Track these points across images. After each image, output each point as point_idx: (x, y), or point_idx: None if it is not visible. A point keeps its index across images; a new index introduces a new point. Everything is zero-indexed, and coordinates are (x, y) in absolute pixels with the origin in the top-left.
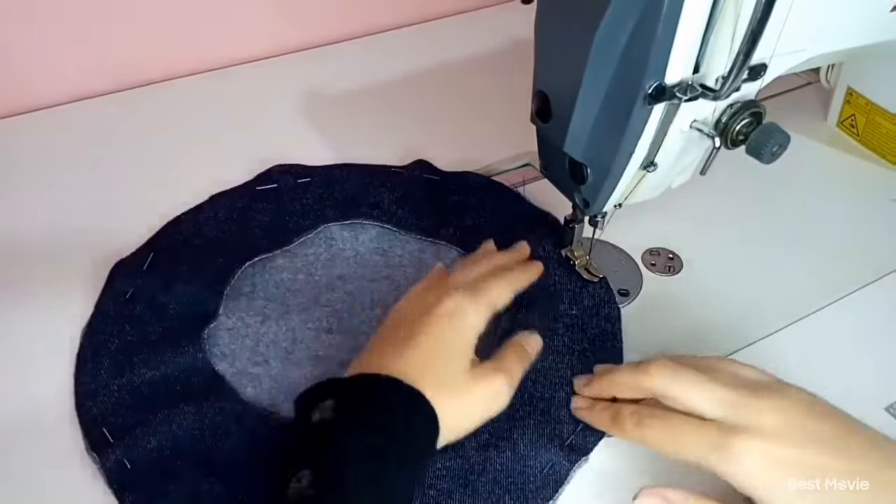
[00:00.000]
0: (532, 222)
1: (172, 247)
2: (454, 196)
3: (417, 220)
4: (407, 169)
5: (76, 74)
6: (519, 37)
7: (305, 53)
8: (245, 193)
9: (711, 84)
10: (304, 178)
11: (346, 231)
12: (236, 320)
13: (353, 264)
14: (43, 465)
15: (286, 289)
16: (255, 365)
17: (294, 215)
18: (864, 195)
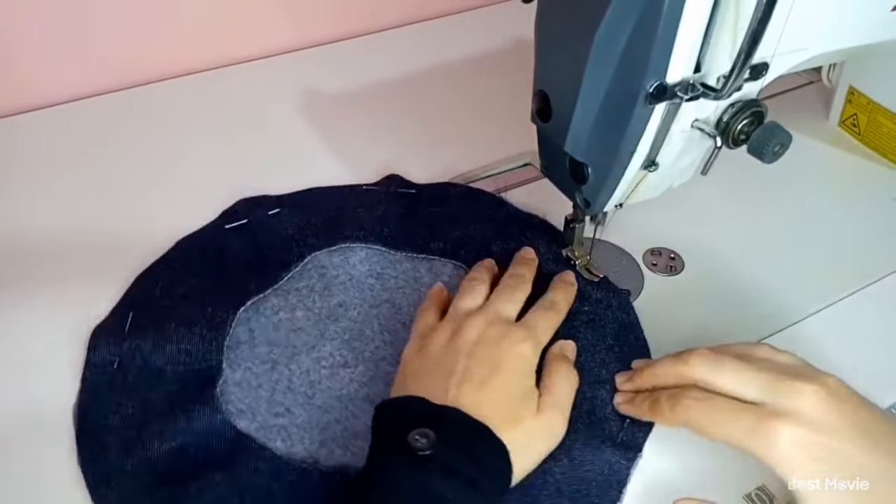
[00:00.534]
0: (521, 225)
1: (151, 301)
2: (434, 208)
3: (405, 237)
4: (381, 185)
5: (76, 74)
6: (519, 36)
7: (305, 53)
8: (215, 234)
9: (713, 83)
10: (273, 209)
11: (336, 257)
12: (244, 372)
13: (351, 290)
14: (44, 466)
15: (288, 329)
16: (277, 416)
17: (274, 249)
18: (866, 195)
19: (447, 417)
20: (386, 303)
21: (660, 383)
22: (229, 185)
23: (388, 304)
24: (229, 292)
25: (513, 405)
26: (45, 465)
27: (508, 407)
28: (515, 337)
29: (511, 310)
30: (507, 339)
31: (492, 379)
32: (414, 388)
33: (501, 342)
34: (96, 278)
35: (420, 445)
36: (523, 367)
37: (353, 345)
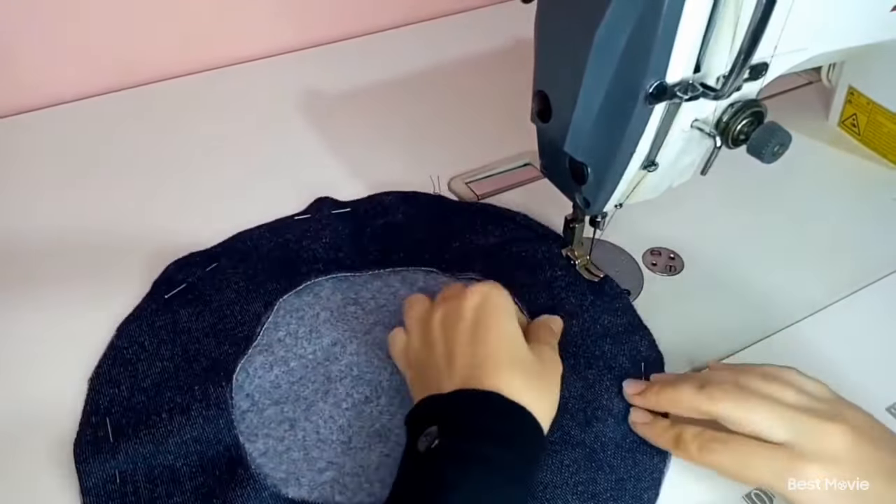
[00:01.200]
0: (468, 216)
1: (122, 401)
2: (378, 220)
3: (362, 257)
4: (312, 211)
5: (76, 74)
6: (519, 36)
7: (305, 53)
8: (160, 309)
9: (712, 83)
10: (210, 264)
11: (305, 296)
12: (265, 440)
13: (337, 324)
14: (45, 469)
15: (289, 382)
16: (322, 472)
17: (235, 306)
18: (866, 195)
19: (451, 403)
20: (377, 325)
21: (678, 412)
22: (229, 186)
23: (380, 325)
24: (210, 364)
25: (510, 353)
26: (47, 467)
27: (506, 357)
28: (468, 294)
29: (458, 288)
30: (463, 300)
31: (472, 341)
32: (422, 390)
33: (459, 307)
34: (96, 278)
35: (425, 445)
36: (495, 311)
37: (366, 378)
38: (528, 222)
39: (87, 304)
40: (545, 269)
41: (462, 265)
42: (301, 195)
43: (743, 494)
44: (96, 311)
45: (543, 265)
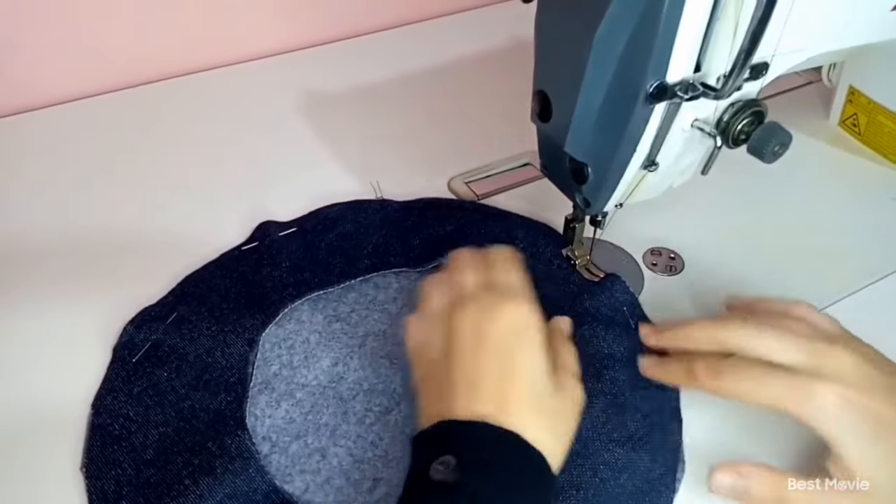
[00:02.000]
0: (418, 212)
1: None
2: (330, 233)
3: (327, 273)
4: (258, 239)
5: (76, 74)
6: (519, 36)
7: (305, 53)
8: (117, 382)
9: (713, 83)
10: (170, 315)
11: (286, 324)
12: (301, 479)
13: (329, 345)
14: (49, 467)
15: (303, 414)
16: (372, 491)
17: (213, 355)
18: (866, 194)
19: (471, 435)
20: (367, 336)
21: (692, 346)
22: (228, 186)
23: (371, 335)
24: (214, 417)
25: (536, 393)
26: (50, 465)
27: (533, 398)
28: (499, 309)
29: (472, 279)
30: (494, 314)
31: (502, 373)
32: (434, 415)
33: (490, 321)
34: (96, 278)
35: (443, 476)
36: (527, 339)
37: (378, 389)
38: (475, 206)
39: (87, 303)
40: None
41: (430, 257)
42: (301, 195)
43: None
44: (96, 311)
45: (500, 242)
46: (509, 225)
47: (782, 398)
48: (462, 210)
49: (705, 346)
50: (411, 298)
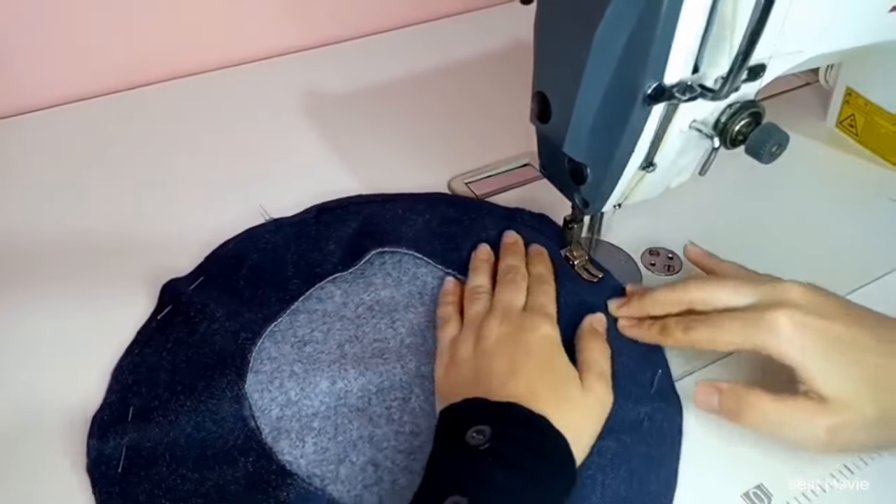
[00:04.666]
0: (334, 212)
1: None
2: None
3: (265, 309)
4: (204, 272)
5: (76, 74)
6: (519, 37)
7: (306, 54)
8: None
9: (711, 84)
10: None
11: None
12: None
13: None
14: (47, 468)
15: (334, 442)
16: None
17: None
18: (864, 195)
19: (505, 412)
20: (343, 348)
21: (658, 310)
22: (230, 186)
23: (349, 342)
24: None
25: (559, 387)
26: (49, 466)
27: (555, 390)
28: (531, 323)
29: (518, 300)
30: (525, 327)
31: (528, 367)
32: (462, 396)
33: (521, 332)
34: (96, 279)
35: (477, 441)
36: (551, 347)
37: (398, 386)
38: (368, 198)
39: (87, 303)
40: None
41: (353, 256)
42: (302, 195)
43: (742, 493)
44: (95, 311)
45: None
46: (400, 206)
47: (743, 335)
48: (355, 205)
49: (671, 308)
50: (360, 296)
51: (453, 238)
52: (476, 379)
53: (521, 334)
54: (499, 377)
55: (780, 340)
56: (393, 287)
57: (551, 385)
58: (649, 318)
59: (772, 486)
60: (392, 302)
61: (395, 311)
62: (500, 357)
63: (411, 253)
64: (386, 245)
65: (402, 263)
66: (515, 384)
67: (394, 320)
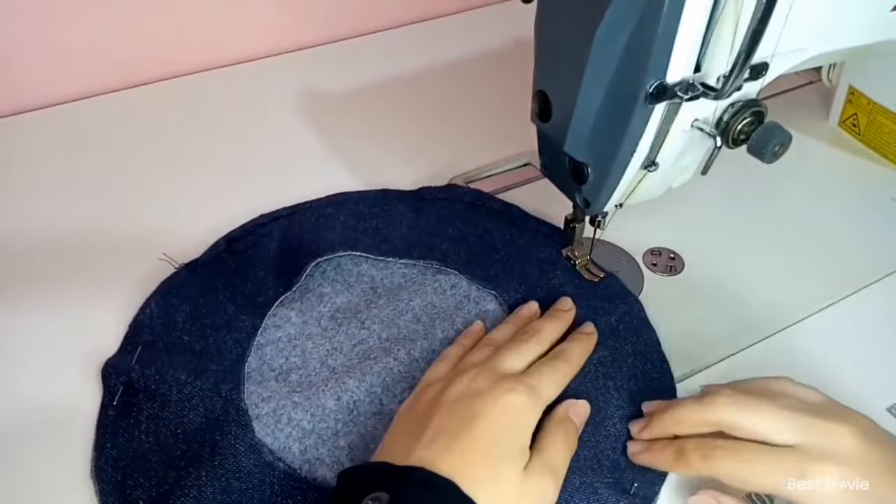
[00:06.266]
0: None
1: None
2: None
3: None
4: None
5: (76, 75)
6: (519, 36)
7: (304, 53)
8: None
9: (713, 83)
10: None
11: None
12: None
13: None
14: (48, 466)
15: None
16: None
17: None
18: (866, 195)
19: (408, 477)
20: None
21: (681, 430)
22: (229, 186)
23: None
24: None
25: (493, 461)
26: (48, 466)
27: (486, 463)
28: (502, 388)
29: (515, 363)
30: (493, 390)
31: (467, 432)
32: (387, 448)
33: (485, 393)
34: (95, 279)
35: None
36: (510, 421)
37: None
38: (274, 214)
39: (87, 303)
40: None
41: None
42: (302, 195)
43: (743, 494)
44: (95, 311)
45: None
46: (311, 214)
47: (779, 483)
48: (262, 226)
49: (695, 430)
50: (317, 310)
51: (378, 231)
52: (415, 429)
53: (487, 394)
54: (433, 435)
55: (822, 501)
56: (345, 291)
57: (483, 459)
58: (664, 440)
59: None
60: (351, 305)
61: (359, 313)
62: (449, 413)
63: (348, 254)
64: (322, 255)
65: (343, 266)
66: (443, 447)
67: (362, 321)
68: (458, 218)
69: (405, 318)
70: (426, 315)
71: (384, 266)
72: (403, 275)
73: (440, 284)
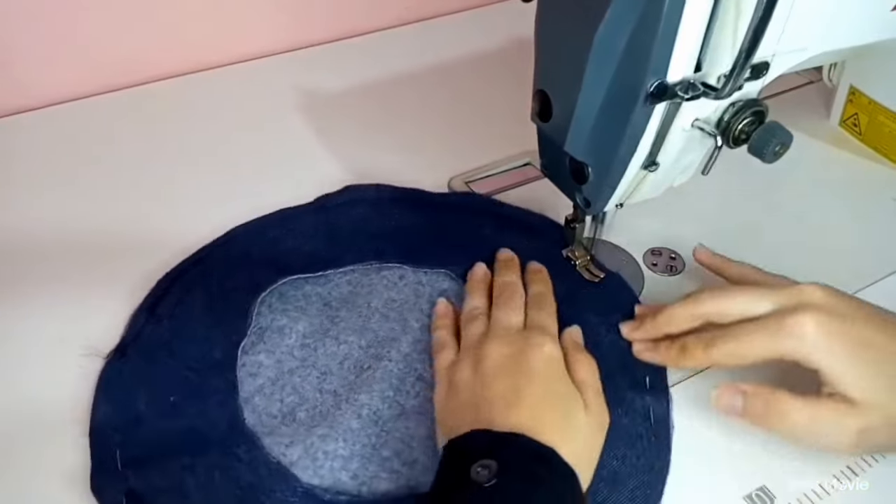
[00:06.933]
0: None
1: None
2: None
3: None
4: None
5: (76, 74)
6: (519, 36)
7: (303, 52)
8: None
9: (713, 83)
10: None
11: None
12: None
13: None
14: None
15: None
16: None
17: None
18: (867, 194)
19: (510, 444)
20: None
21: (674, 328)
22: (229, 184)
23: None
24: None
25: (564, 412)
26: (48, 466)
27: (561, 416)
28: (532, 343)
29: (516, 319)
30: (528, 348)
31: (532, 392)
32: (464, 426)
33: (522, 353)
34: (95, 279)
35: (482, 477)
36: (554, 368)
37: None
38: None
39: (86, 303)
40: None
41: None
42: (300, 195)
43: (744, 495)
44: (95, 311)
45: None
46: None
47: (768, 344)
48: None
49: (687, 324)
50: (284, 344)
51: (301, 249)
52: (476, 406)
53: (521, 356)
54: (501, 403)
55: (806, 344)
56: (302, 316)
57: (556, 411)
58: (666, 339)
59: (774, 487)
60: (314, 327)
61: (327, 332)
62: (501, 381)
63: (285, 280)
64: (260, 290)
65: (286, 294)
66: (518, 411)
67: (335, 337)
68: (373, 216)
69: (375, 321)
70: (392, 311)
71: (326, 281)
72: (349, 282)
73: (388, 280)
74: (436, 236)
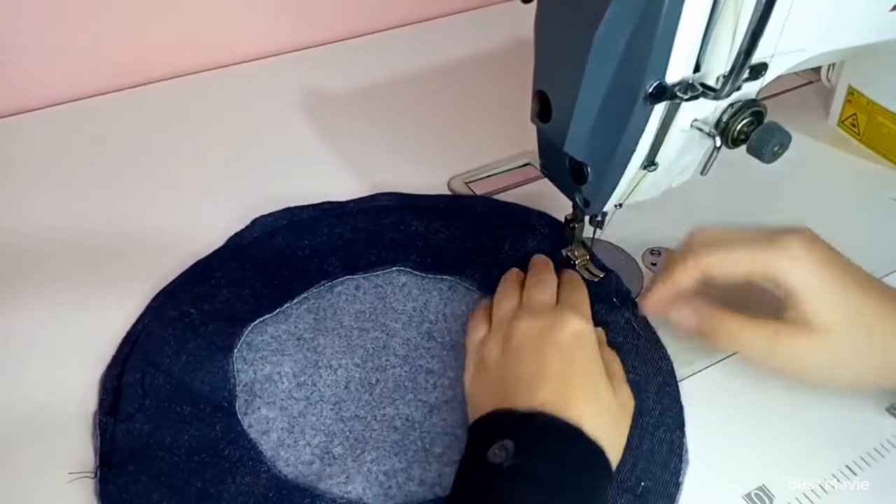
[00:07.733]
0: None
1: None
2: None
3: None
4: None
5: (75, 74)
6: (519, 37)
7: (305, 53)
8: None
9: (712, 83)
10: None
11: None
12: None
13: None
14: (47, 465)
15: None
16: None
17: None
18: (866, 195)
19: (530, 423)
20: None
21: (683, 288)
22: (229, 185)
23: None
24: None
25: (591, 388)
26: (48, 467)
27: (588, 391)
28: (562, 318)
29: (547, 296)
30: (556, 322)
31: (558, 367)
32: (489, 406)
33: (551, 328)
34: (95, 279)
35: (499, 458)
36: (584, 345)
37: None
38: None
39: (86, 303)
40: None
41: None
42: (301, 196)
43: (743, 494)
44: (95, 311)
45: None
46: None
47: (756, 255)
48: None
49: (691, 283)
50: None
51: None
52: (503, 383)
53: (551, 331)
54: (527, 380)
55: (791, 259)
56: (284, 358)
57: (584, 386)
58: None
59: (773, 486)
60: (302, 365)
61: (317, 366)
62: (529, 356)
63: (249, 328)
64: (232, 349)
65: (254, 344)
66: (544, 387)
67: (329, 367)
68: (294, 239)
69: (356, 337)
70: (367, 322)
71: (286, 317)
72: (307, 310)
73: (346, 295)
74: (367, 240)
